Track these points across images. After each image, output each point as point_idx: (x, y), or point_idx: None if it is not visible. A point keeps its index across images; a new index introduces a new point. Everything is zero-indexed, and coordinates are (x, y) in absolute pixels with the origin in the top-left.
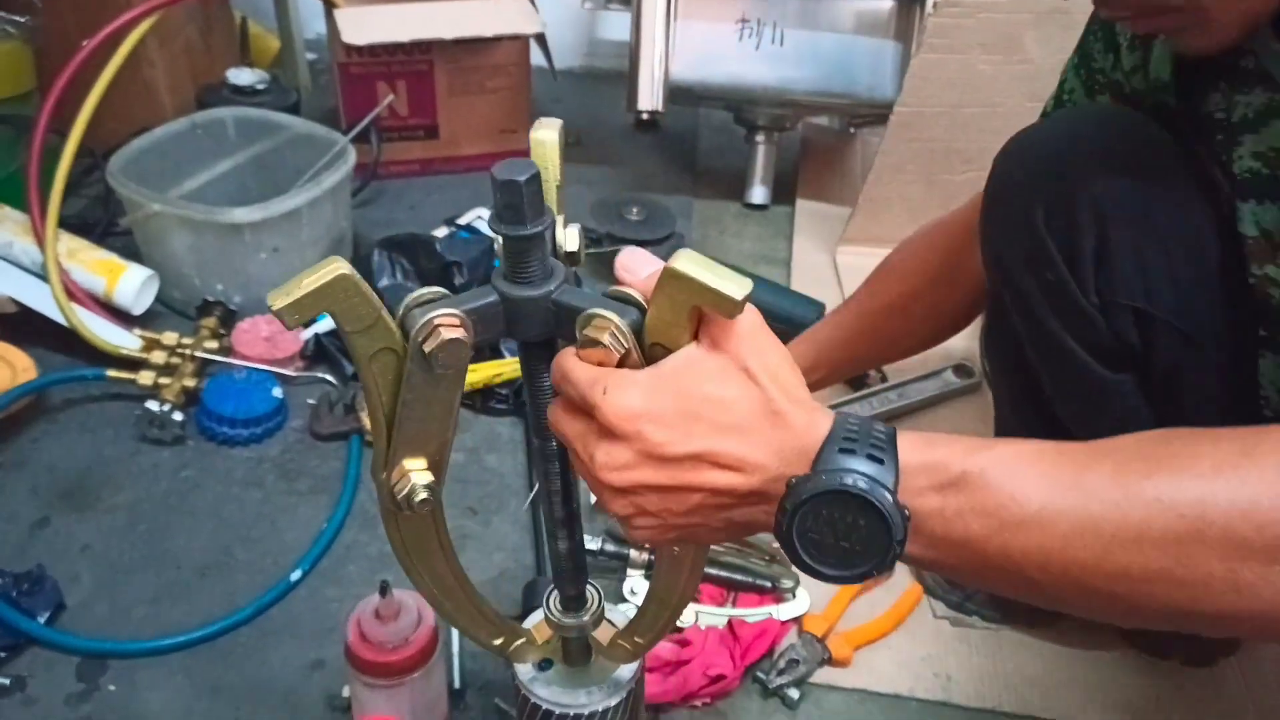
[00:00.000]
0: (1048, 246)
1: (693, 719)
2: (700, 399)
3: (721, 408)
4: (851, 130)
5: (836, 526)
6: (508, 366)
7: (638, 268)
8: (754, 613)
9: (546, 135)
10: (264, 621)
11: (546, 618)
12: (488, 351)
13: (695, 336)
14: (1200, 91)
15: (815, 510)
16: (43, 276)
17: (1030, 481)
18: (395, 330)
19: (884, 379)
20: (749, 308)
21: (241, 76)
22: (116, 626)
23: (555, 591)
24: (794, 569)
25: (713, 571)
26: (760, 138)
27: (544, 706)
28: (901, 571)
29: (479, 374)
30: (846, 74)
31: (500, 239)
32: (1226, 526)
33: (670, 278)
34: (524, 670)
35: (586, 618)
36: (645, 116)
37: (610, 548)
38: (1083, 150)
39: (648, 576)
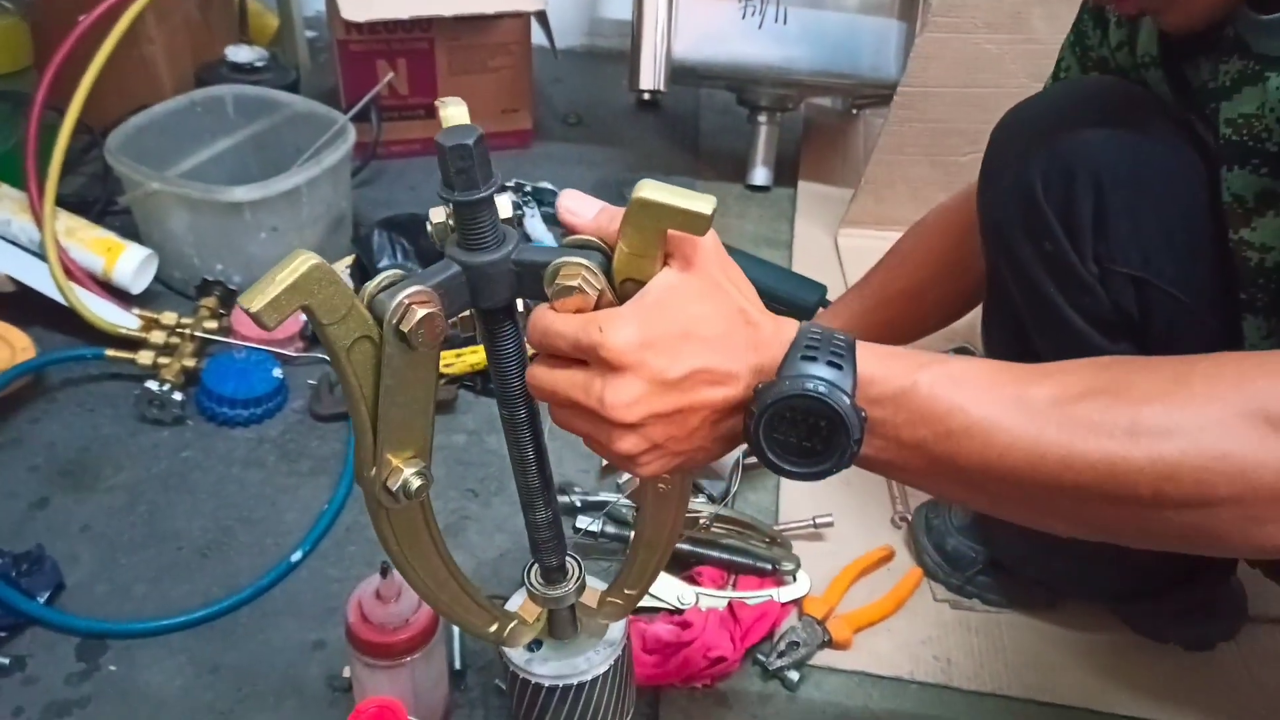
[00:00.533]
0: (1046, 216)
1: (693, 701)
2: (688, 319)
3: (706, 323)
4: (854, 111)
5: (799, 428)
6: None
7: (583, 209)
8: (754, 595)
9: (457, 111)
10: (265, 602)
11: (531, 594)
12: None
13: (664, 264)
14: (1188, 63)
15: (779, 413)
16: (41, 255)
17: (973, 394)
18: (369, 318)
19: None
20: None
21: (240, 54)
22: (116, 606)
23: (535, 566)
24: (794, 555)
25: (714, 554)
26: (762, 118)
27: (547, 684)
28: (902, 556)
29: (480, 355)
30: (850, 53)
31: (450, 207)
32: (1151, 449)
33: (640, 207)
34: (517, 654)
35: (571, 586)
36: (647, 96)
37: (611, 529)
38: (1079, 120)
39: None
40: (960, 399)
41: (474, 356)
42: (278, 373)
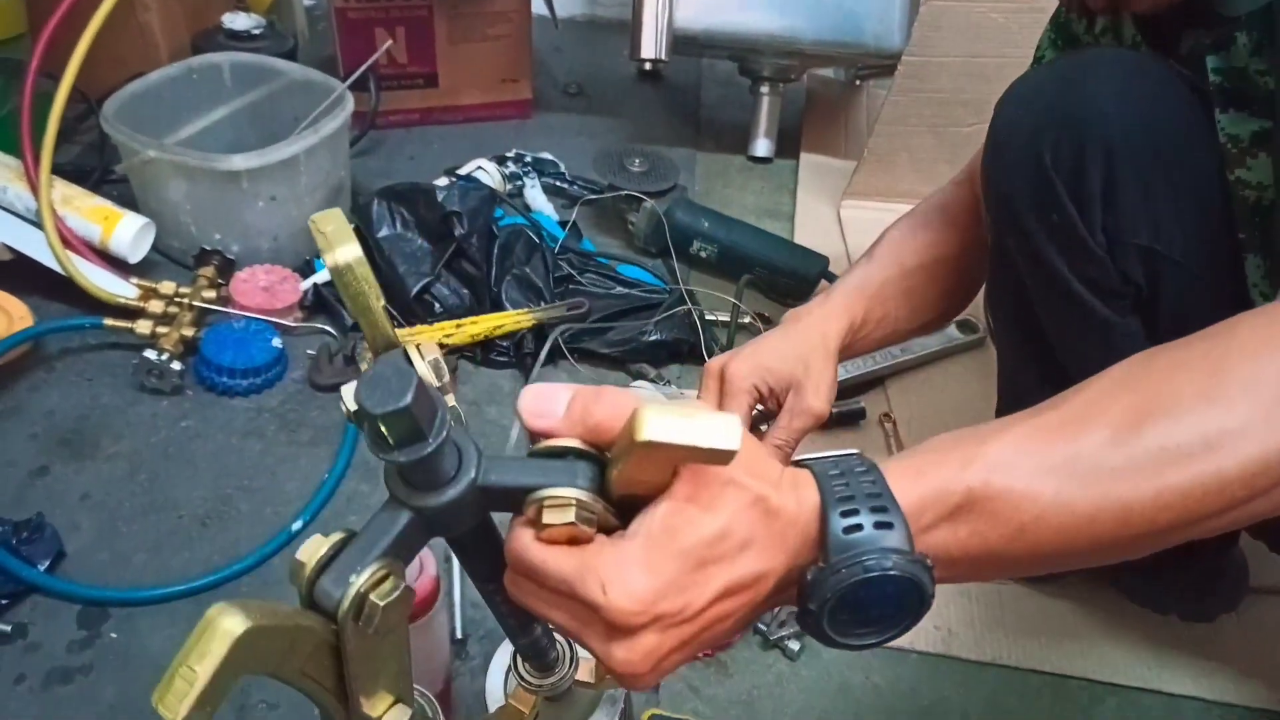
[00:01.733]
0: (1055, 187)
1: (693, 670)
2: (704, 545)
3: (725, 540)
4: (857, 82)
5: (866, 604)
6: (509, 319)
7: (549, 407)
8: None
9: (348, 254)
10: (265, 571)
11: (523, 687)
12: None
13: (674, 475)
14: (1171, 40)
15: (839, 605)
16: (38, 223)
17: (1034, 474)
18: (316, 625)
19: None
20: None
21: (237, 21)
22: (117, 574)
23: (518, 659)
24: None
25: None
26: (765, 89)
27: None
28: None
29: (480, 326)
30: (853, 23)
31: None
32: (1235, 454)
33: (644, 447)
34: None
35: (567, 670)
36: (648, 66)
37: None
38: (1089, 90)
39: None
40: (1021, 486)
41: (474, 327)
42: (277, 342)
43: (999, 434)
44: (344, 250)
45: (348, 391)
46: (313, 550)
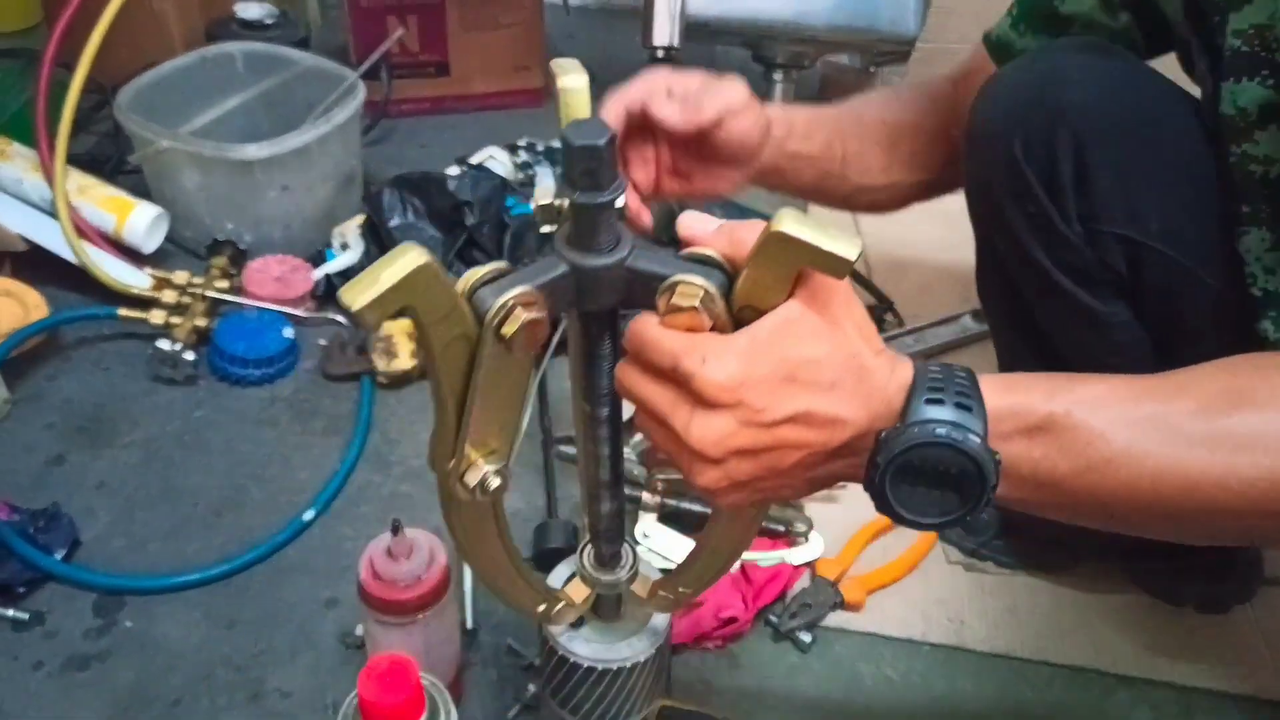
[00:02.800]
0: (1027, 177)
1: (705, 661)
2: (799, 360)
3: (816, 367)
4: (872, 69)
5: (929, 476)
6: None
7: (702, 226)
8: (766, 556)
9: (576, 82)
10: (279, 559)
11: (582, 576)
12: None
13: (790, 294)
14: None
15: (908, 462)
16: (52, 214)
17: (1115, 421)
18: (468, 314)
19: (900, 324)
20: None
21: (250, 10)
22: (132, 562)
23: (590, 549)
24: (806, 516)
25: None
26: (778, 76)
27: (585, 664)
28: None
29: None
30: (868, 8)
31: (569, 206)
32: None
33: (778, 242)
34: (560, 631)
35: (624, 574)
36: (661, 54)
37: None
38: (1061, 79)
39: (662, 519)
40: (1100, 426)
41: None
42: (289, 332)
43: (1093, 379)
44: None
45: (543, 184)
46: (475, 272)
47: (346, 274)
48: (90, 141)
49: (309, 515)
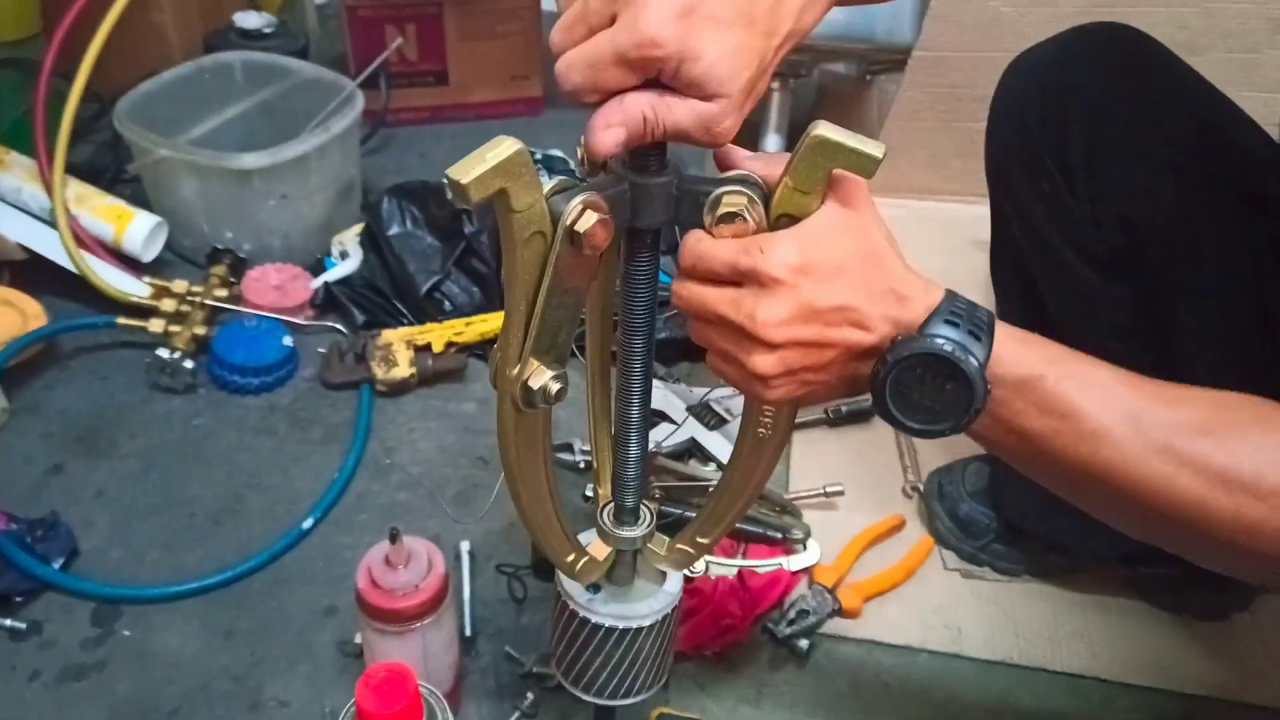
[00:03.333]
0: (1042, 157)
1: (702, 668)
2: (844, 254)
3: (860, 264)
4: (868, 77)
5: (925, 385)
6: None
7: (740, 154)
8: (764, 564)
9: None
10: (277, 568)
11: (601, 533)
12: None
13: (823, 202)
14: None
15: (912, 367)
16: (51, 223)
17: (1095, 401)
18: (548, 213)
19: None
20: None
21: (249, 20)
22: (130, 572)
23: (610, 506)
24: (804, 523)
25: None
26: (775, 85)
27: (606, 624)
28: (913, 526)
29: (490, 324)
30: (864, 18)
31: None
32: (1239, 504)
33: (816, 144)
34: (578, 591)
35: (641, 530)
36: None
37: None
38: (1079, 63)
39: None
40: (1081, 402)
41: (484, 325)
42: (288, 341)
43: (1099, 363)
44: None
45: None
46: (552, 183)
47: (345, 282)
48: (89, 151)
49: (307, 524)
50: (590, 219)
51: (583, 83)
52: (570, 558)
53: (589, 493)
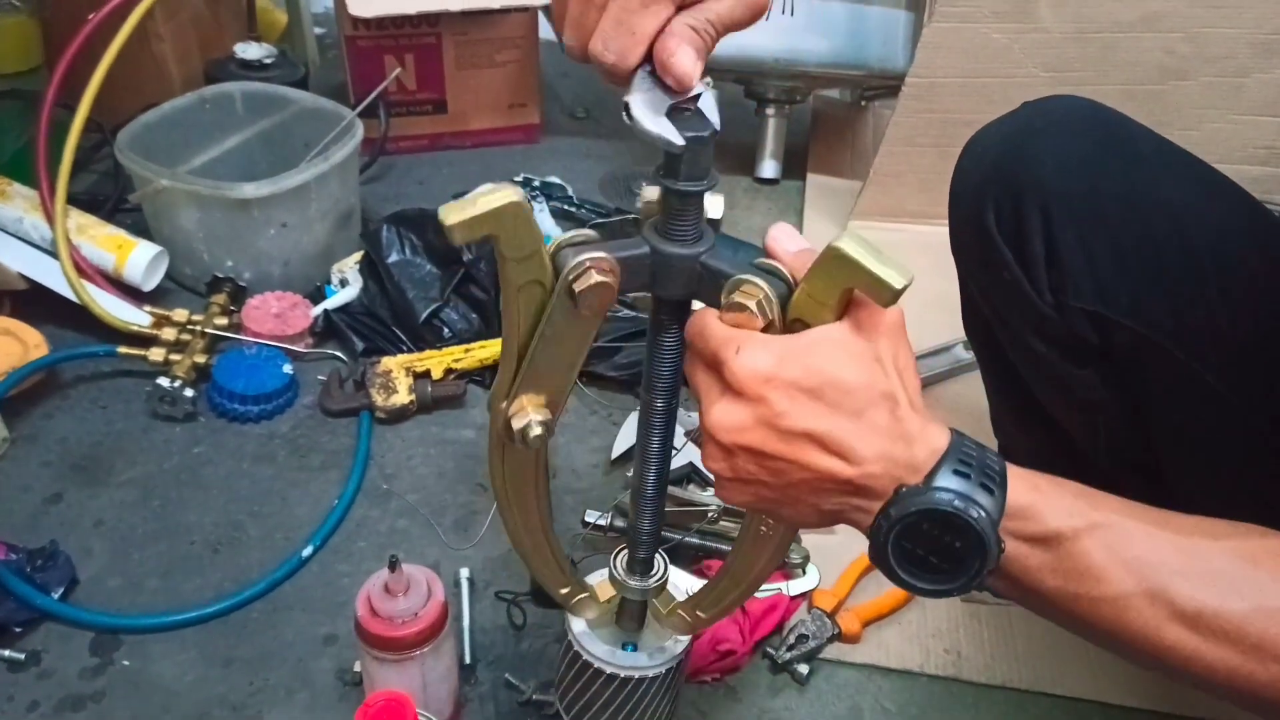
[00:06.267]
0: (1000, 248)
1: (702, 694)
2: (828, 379)
3: (846, 393)
4: (863, 103)
5: (932, 542)
6: None
7: (787, 242)
8: (764, 588)
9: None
10: (276, 596)
11: (612, 578)
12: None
13: (839, 318)
14: None
15: (919, 524)
16: (53, 253)
17: (1118, 563)
18: (548, 265)
19: None
20: (898, 303)
21: (249, 51)
22: (129, 601)
23: (624, 553)
24: (802, 547)
25: (723, 547)
26: (770, 111)
27: (595, 664)
28: None
29: (489, 351)
30: (858, 44)
31: (660, 193)
32: (1241, 673)
33: (833, 257)
34: (578, 625)
35: (651, 583)
36: None
37: (619, 524)
38: (1035, 148)
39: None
40: (1102, 563)
41: (483, 351)
42: (288, 369)
43: (1117, 505)
44: None
45: (651, 191)
46: (571, 234)
47: (345, 310)
48: (90, 180)
49: (307, 552)
50: (591, 279)
51: (624, 42)
52: (564, 590)
53: (588, 518)
